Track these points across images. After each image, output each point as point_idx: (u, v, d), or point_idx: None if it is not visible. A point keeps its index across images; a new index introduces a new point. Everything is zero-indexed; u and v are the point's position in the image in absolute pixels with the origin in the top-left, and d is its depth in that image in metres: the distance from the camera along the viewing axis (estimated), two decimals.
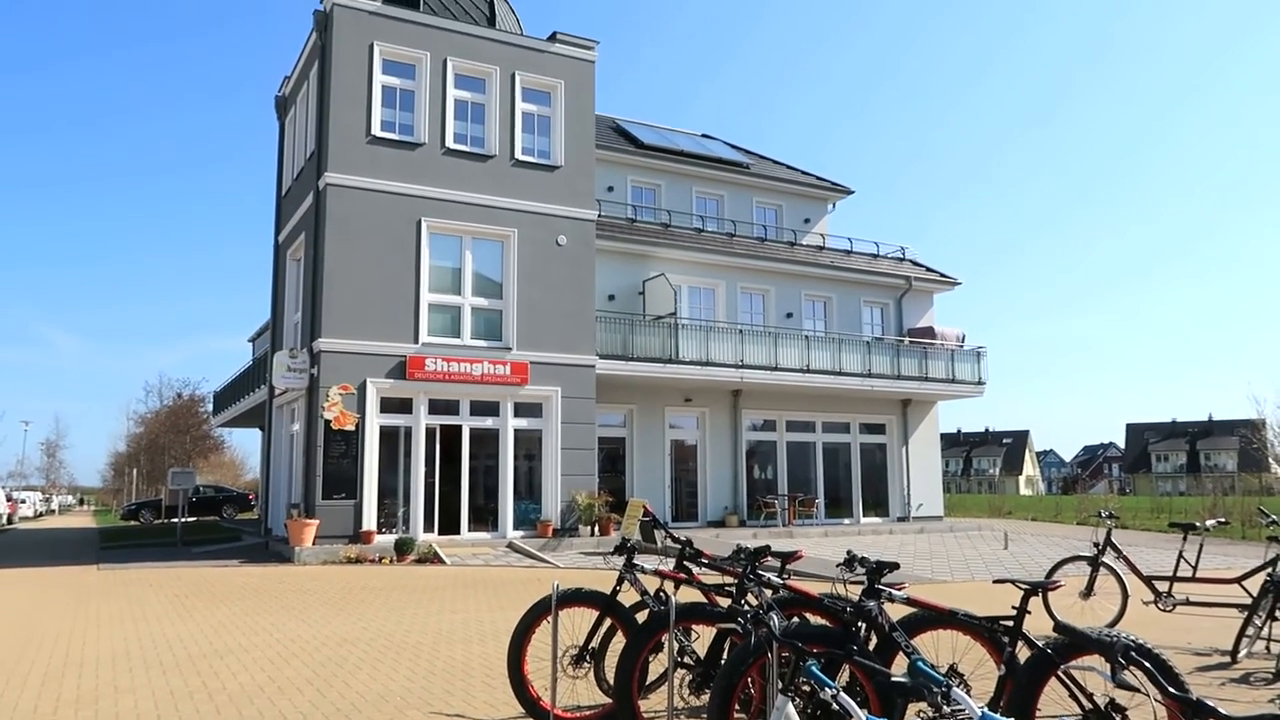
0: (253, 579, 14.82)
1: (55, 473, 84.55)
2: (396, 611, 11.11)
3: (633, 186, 27.00)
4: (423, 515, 19.06)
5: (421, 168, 19.74)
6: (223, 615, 10.92)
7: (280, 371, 19.31)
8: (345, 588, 13.50)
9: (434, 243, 19.76)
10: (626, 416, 23.94)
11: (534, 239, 20.59)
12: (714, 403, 25.04)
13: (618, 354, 22.08)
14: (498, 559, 17.62)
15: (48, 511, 68.99)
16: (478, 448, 20.00)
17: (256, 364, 26.68)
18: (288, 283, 22.71)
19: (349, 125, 19.17)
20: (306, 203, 20.29)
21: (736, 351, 23.83)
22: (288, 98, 23.98)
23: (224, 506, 38.74)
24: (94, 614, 11.11)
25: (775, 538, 21.87)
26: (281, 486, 21.98)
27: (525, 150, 21.00)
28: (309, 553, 17.25)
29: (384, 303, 18.93)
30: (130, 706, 6.57)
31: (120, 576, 15.52)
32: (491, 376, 19.71)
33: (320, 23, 19.91)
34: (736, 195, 28.60)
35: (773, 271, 26.38)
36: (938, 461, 29.09)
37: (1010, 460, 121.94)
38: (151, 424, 60.06)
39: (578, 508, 20.02)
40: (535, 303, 20.39)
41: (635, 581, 6.18)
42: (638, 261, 24.19)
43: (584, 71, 21.84)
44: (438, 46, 20.22)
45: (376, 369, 18.73)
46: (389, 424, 19.06)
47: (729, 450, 25.19)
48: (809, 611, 5.68)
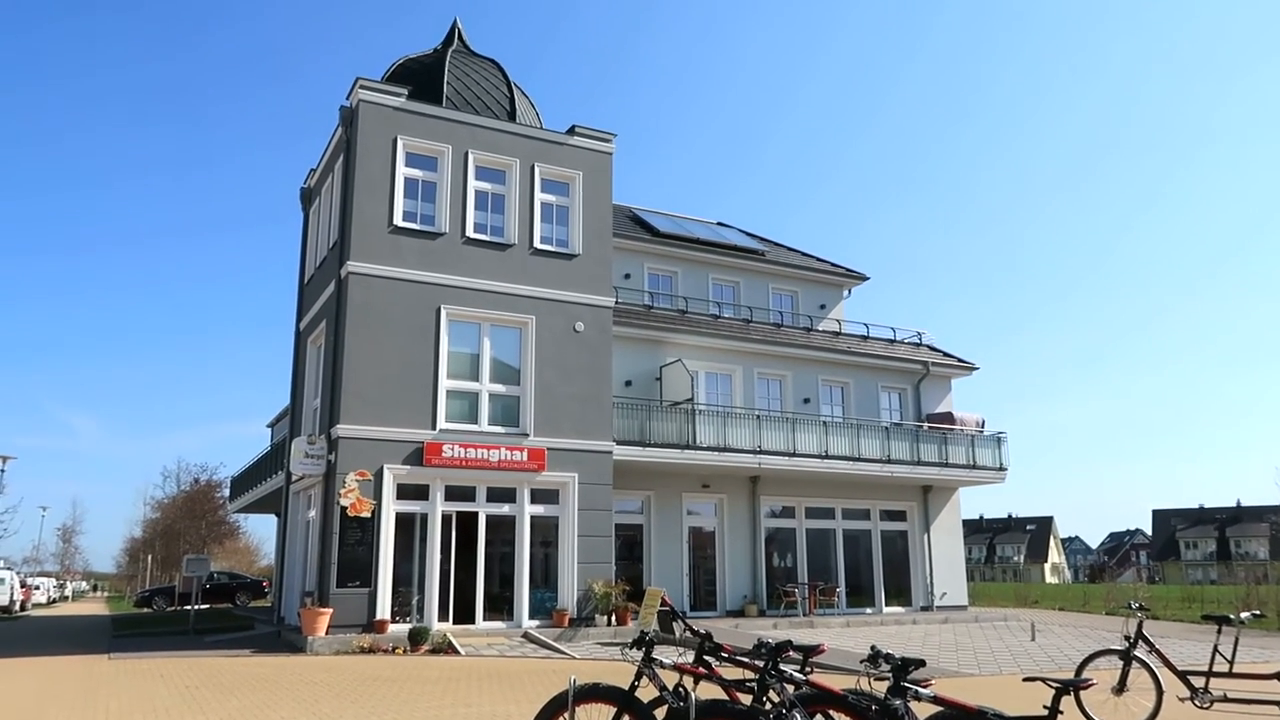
0: (264, 669, 14.58)
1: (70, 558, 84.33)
2: (409, 705, 10.88)
3: (650, 273, 27.35)
4: (437, 604, 18.81)
5: (442, 256, 20.08)
6: (233, 708, 10.72)
7: (298, 457, 19.34)
8: (357, 679, 13.25)
9: (453, 329, 19.97)
10: (644, 503, 23.76)
11: (552, 325, 20.78)
12: (732, 489, 24.84)
13: (635, 440, 22.03)
14: (513, 649, 17.30)
15: (61, 598, 68.60)
16: (494, 534, 19.84)
17: (274, 449, 26.76)
18: (307, 369, 22.92)
19: (372, 215, 19.59)
20: (328, 290, 20.61)
21: (754, 437, 23.74)
22: (313, 189, 24.60)
23: (237, 593, 38.37)
24: (103, 708, 10.93)
25: (796, 628, 21.41)
26: (296, 573, 21.80)
27: (544, 239, 21.36)
28: (322, 642, 17.00)
29: (402, 389, 19.05)
30: None
31: (132, 667, 15.31)
32: (508, 463, 19.67)
33: (346, 118, 20.54)
34: (752, 282, 28.88)
35: (789, 357, 26.44)
36: (960, 549, 28.60)
37: (1034, 547, 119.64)
38: (168, 509, 60.01)
39: (594, 596, 19.71)
40: (553, 389, 20.46)
41: (654, 676, 6.04)
42: (654, 347, 24.32)
43: (602, 163, 22.34)
44: (459, 140, 20.78)
45: (394, 455, 18.74)
46: (405, 510, 18.97)
47: (748, 537, 24.88)
48: (833, 709, 5.53)
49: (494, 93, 22.80)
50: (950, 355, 29.57)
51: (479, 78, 22.89)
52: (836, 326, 29.18)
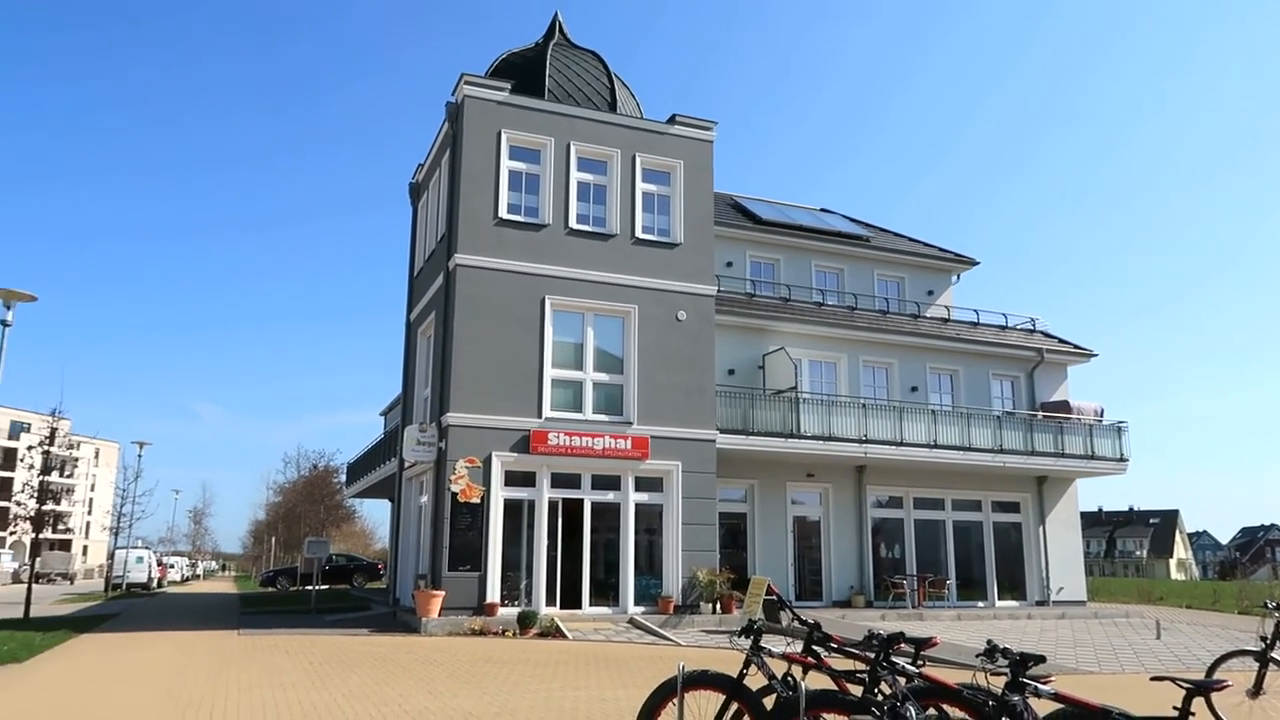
0: (382, 648, 15.14)
1: (201, 539, 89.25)
2: (520, 686, 11.14)
3: (751, 261, 27.16)
4: (545, 588, 19.18)
5: (546, 248, 20.38)
6: (354, 684, 11.17)
7: (410, 445, 19.97)
8: (470, 660, 13.63)
9: (557, 320, 20.26)
10: (747, 492, 23.67)
11: (654, 315, 20.86)
12: (837, 478, 24.51)
13: (738, 428, 21.96)
14: (619, 635, 17.51)
15: (193, 576, 72.65)
16: (599, 521, 20.09)
17: (388, 437, 27.68)
18: (418, 359, 23.61)
19: (478, 209, 20.02)
20: (437, 283, 21.18)
21: (859, 426, 23.36)
22: (421, 184, 25.28)
23: (354, 575, 39.87)
24: (235, 679, 11.55)
25: (904, 620, 21.02)
26: (409, 557, 22.54)
27: (645, 229, 21.44)
28: (435, 624, 17.55)
29: (509, 378, 19.44)
30: None
31: (259, 642, 16.12)
32: (613, 451, 19.87)
33: (452, 113, 21.02)
34: (857, 268, 28.36)
35: (896, 344, 25.89)
36: (1078, 542, 27.52)
37: (1158, 542, 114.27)
38: (289, 494, 62.81)
39: (699, 584, 19.77)
40: (655, 378, 20.56)
41: (762, 665, 6.03)
42: (757, 336, 24.16)
43: (703, 151, 22.27)
44: (561, 132, 21.02)
45: (501, 443, 19.16)
46: (513, 497, 19.39)
47: (854, 527, 24.52)
48: (946, 703, 5.42)
49: (595, 84, 22.98)
50: (1066, 342, 28.45)
51: (580, 70, 23.10)
52: (945, 313, 28.41)
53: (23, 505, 23.71)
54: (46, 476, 23.59)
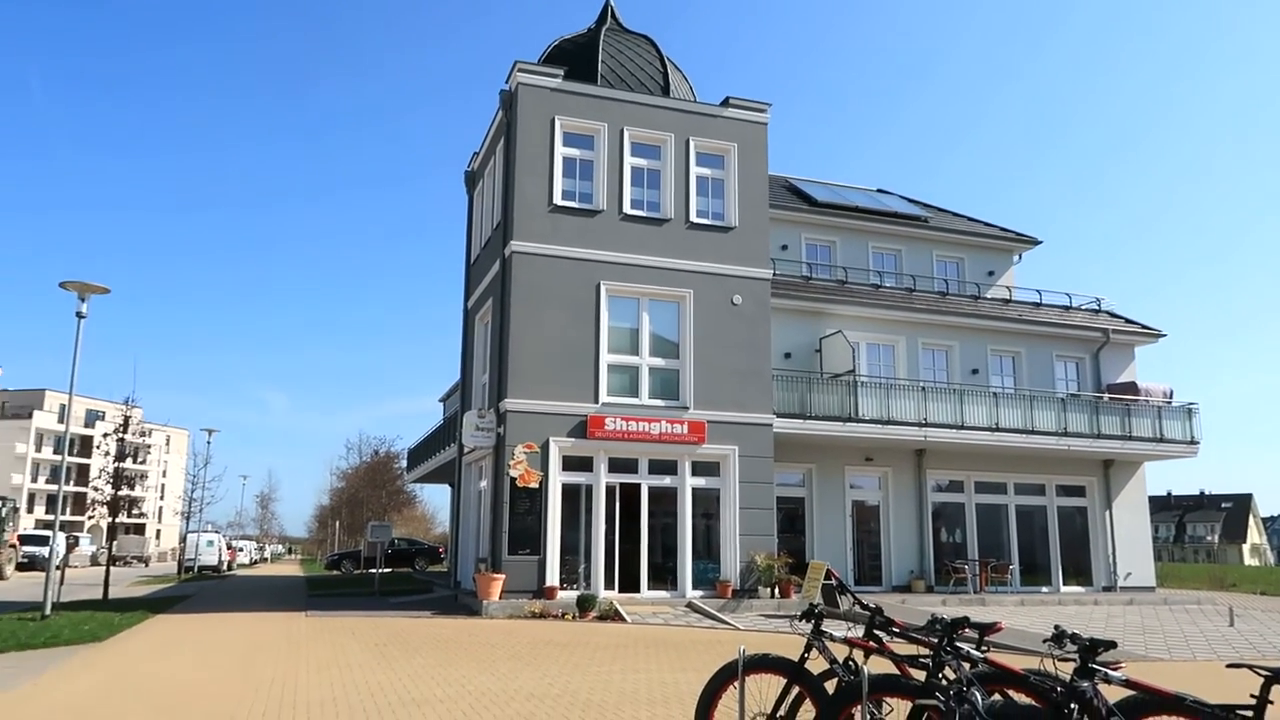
0: (444, 630, 15.41)
1: (268, 523, 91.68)
2: (580, 669, 11.26)
3: (807, 244, 26.91)
4: (603, 572, 19.32)
5: (600, 233, 20.43)
6: (418, 665, 11.40)
7: (469, 430, 20.23)
8: (530, 642, 13.81)
9: (612, 305, 20.32)
10: (805, 476, 23.54)
11: (710, 299, 20.80)
12: (896, 462, 24.25)
13: (795, 412, 21.84)
14: (677, 618, 17.58)
15: (261, 560, 74.63)
16: (656, 506, 20.16)
17: (447, 423, 28.07)
18: (476, 346, 23.88)
19: (532, 195, 20.13)
20: (493, 270, 21.37)
21: (919, 409, 23.06)
22: (476, 172, 25.49)
23: (416, 559, 40.60)
24: (304, 659, 11.86)
25: (966, 605, 20.75)
26: (470, 541, 22.88)
27: (700, 213, 21.36)
28: (496, 606, 17.81)
29: (566, 363, 19.57)
30: None
31: (325, 624, 16.52)
32: (669, 435, 19.90)
33: (506, 101, 21.14)
34: (915, 249, 27.94)
35: (956, 326, 25.47)
36: (1146, 527, 26.88)
37: (1231, 527, 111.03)
38: (352, 479, 64.10)
39: (757, 569, 19.75)
40: (711, 362, 20.52)
41: (824, 649, 6.02)
42: (814, 319, 23.96)
43: (757, 134, 22.09)
44: (615, 117, 21.01)
45: (559, 428, 19.31)
46: (570, 482, 19.54)
47: (913, 512, 24.25)
48: (1012, 688, 5.35)
49: (647, 68, 22.91)
50: (1133, 322, 27.71)
51: (632, 54, 23.04)
52: (1006, 294, 27.86)
53: (100, 491, 24.55)
54: (121, 463, 24.36)
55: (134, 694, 9.31)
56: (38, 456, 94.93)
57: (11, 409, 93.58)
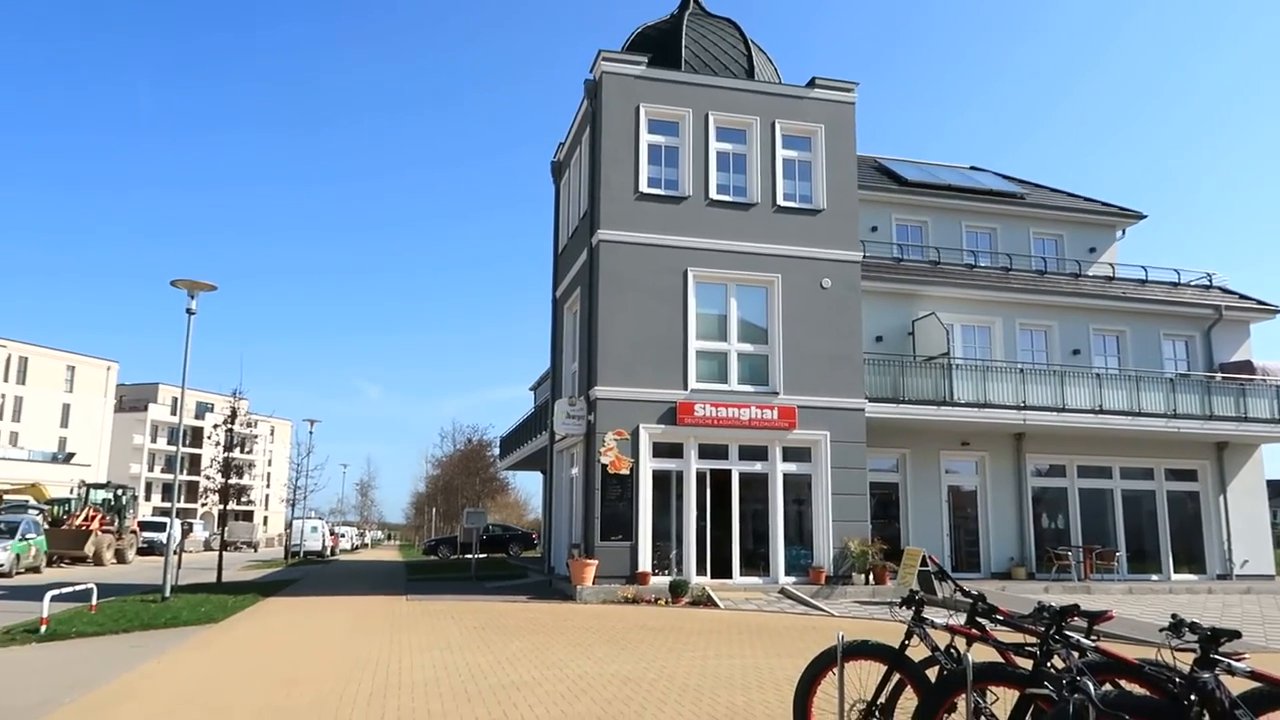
0: (540, 615, 15.69)
1: (368, 510, 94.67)
2: (675, 653, 11.32)
3: (898, 225, 26.36)
4: (694, 558, 19.37)
5: (686, 220, 20.39)
6: (515, 648, 11.63)
7: (560, 418, 20.48)
8: (625, 627, 13.95)
9: (700, 291, 20.27)
10: (899, 461, 23.13)
11: (798, 283, 20.58)
12: (994, 446, 23.61)
13: (887, 397, 21.47)
14: (770, 604, 17.52)
15: (361, 545, 77.11)
16: (747, 492, 20.09)
17: (538, 412, 28.47)
18: (565, 334, 24.14)
19: (619, 184, 20.21)
20: (581, 259, 21.54)
21: (1017, 392, 22.41)
22: (562, 162, 25.70)
23: (510, 544, 41.37)
24: (406, 641, 12.22)
25: (1070, 593, 20.12)
26: (562, 527, 23.20)
27: (787, 196, 21.13)
28: (589, 591, 18.03)
29: (654, 351, 19.62)
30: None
31: (425, 607, 16.99)
32: (759, 421, 19.80)
33: (590, 90, 21.24)
34: (1010, 228, 27.09)
35: (1055, 306, 24.64)
36: (1265, 512, 25.60)
37: None
38: (446, 467, 65.65)
39: (850, 555, 19.53)
40: (801, 347, 20.31)
41: (925, 636, 5.91)
42: (906, 301, 23.48)
43: (844, 114, 21.71)
44: (699, 103, 20.91)
45: (648, 415, 19.39)
46: (661, 468, 19.61)
47: (1013, 497, 23.60)
48: (1126, 679, 5.16)
49: (731, 52, 22.72)
50: (1248, 298, 26.37)
51: (716, 39, 22.87)
52: (1109, 271, 26.80)
53: (211, 479, 25.71)
54: (230, 453, 25.45)
55: (249, 672, 9.73)
56: (153, 447, 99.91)
57: (129, 402, 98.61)
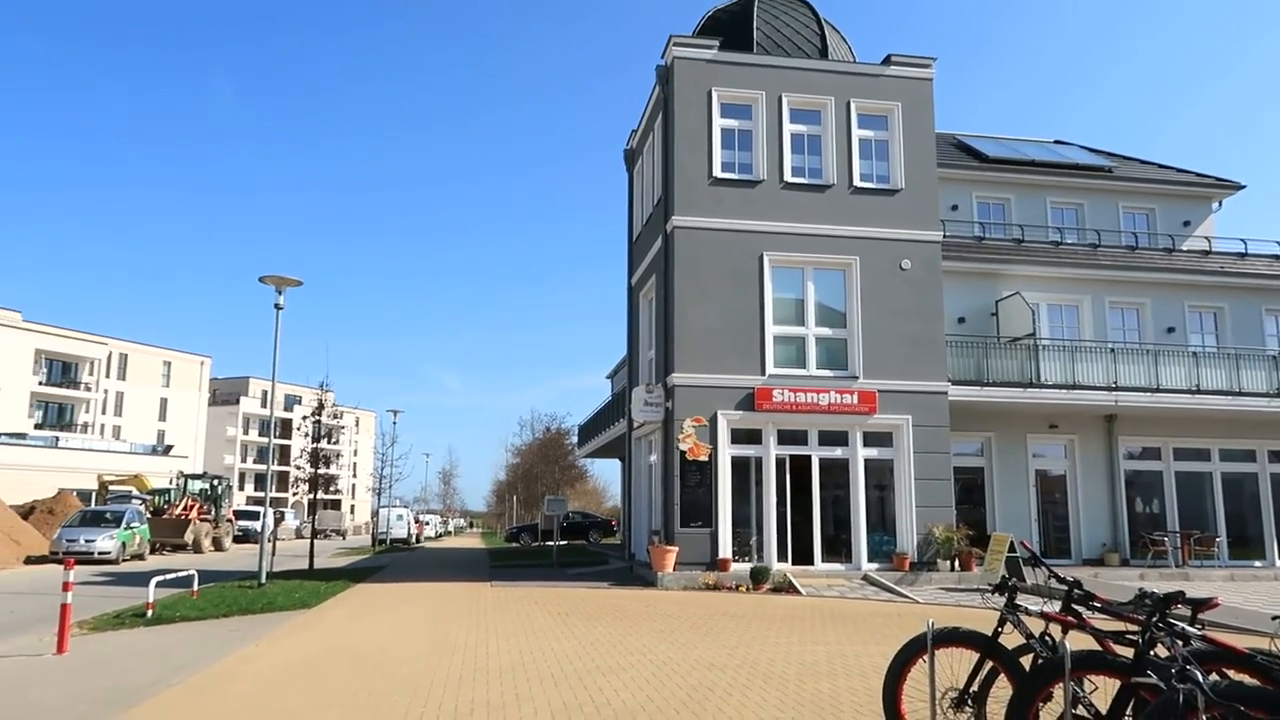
0: (622, 601, 15.80)
1: (450, 498, 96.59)
2: (758, 640, 11.29)
3: (979, 203, 25.69)
4: (775, 545, 19.26)
5: (761, 204, 20.21)
6: (599, 634, 11.74)
7: (637, 406, 20.55)
8: (707, 613, 13.96)
9: (776, 275, 20.09)
10: (984, 445, 22.61)
11: (876, 265, 20.24)
12: (1084, 429, 22.90)
13: (971, 379, 20.99)
14: (853, 591, 17.33)
15: (445, 533, 78.72)
16: (827, 478, 19.89)
17: (615, 399, 28.63)
18: (641, 322, 24.19)
19: (692, 169, 20.12)
20: (656, 246, 21.53)
21: (1108, 372, 21.68)
22: (635, 149, 25.71)
23: (590, 531, 41.74)
24: (492, 626, 12.44)
25: (1167, 580, 19.44)
26: (641, 514, 23.30)
27: (864, 177, 20.77)
28: (670, 578, 18.09)
29: (731, 336, 19.53)
30: (531, 714, 7.24)
31: (509, 593, 17.27)
32: (839, 406, 19.56)
33: (662, 76, 21.17)
34: (1098, 202, 26.17)
35: (1147, 283, 23.73)
36: None
37: None
38: (525, 455, 66.49)
39: (935, 541, 19.18)
40: (880, 330, 19.98)
41: (1019, 623, 5.77)
42: (989, 281, 22.89)
43: (921, 91, 21.23)
44: (772, 85, 20.67)
45: (726, 401, 19.32)
46: (740, 454, 19.54)
47: (1104, 481, 22.86)
48: (1234, 668, 4.97)
49: (804, 32, 22.39)
50: None
51: (788, 19, 22.57)
52: (1205, 245, 25.69)
53: (301, 470, 26.53)
54: (318, 444, 26.22)
55: (343, 656, 10.03)
56: (245, 439, 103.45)
57: (222, 396, 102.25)
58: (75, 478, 43.78)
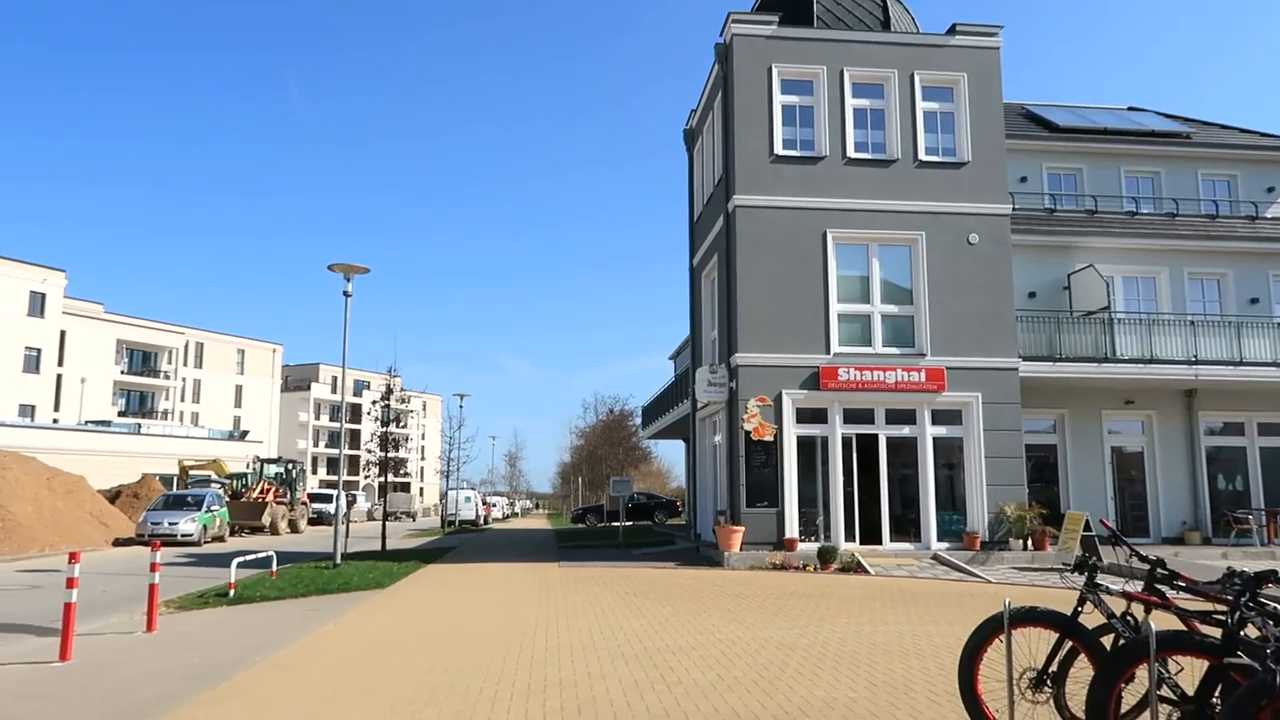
0: (688, 581, 15.86)
1: (516, 480, 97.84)
2: (827, 620, 11.24)
3: (1049, 174, 24.98)
4: (843, 524, 19.12)
5: (824, 180, 19.95)
6: (667, 613, 11.80)
7: (701, 386, 20.53)
8: (774, 593, 13.94)
9: (840, 253, 19.85)
10: (1056, 422, 22.11)
11: (943, 240, 19.86)
12: (1161, 404, 22.24)
13: (1043, 355, 20.52)
14: (922, 571, 17.14)
15: (511, 514, 79.82)
16: (895, 456, 19.65)
17: (678, 380, 28.63)
18: (703, 302, 24.11)
19: (753, 147, 19.94)
20: (717, 225, 21.42)
21: (1187, 346, 20.99)
22: (695, 129, 25.55)
23: (655, 512, 41.93)
24: (562, 606, 12.59)
25: (1251, 559, 18.85)
26: (707, 494, 23.32)
27: (929, 150, 20.37)
28: (737, 558, 18.09)
29: (795, 315, 19.37)
30: (604, 692, 7.32)
31: (576, 573, 17.45)
32: (905, 384, 19.29)
33: (721, 54, 20.98)
34: (1176, 170, 25.24)
35: (1229, 252, 22.90)
36: None
37: None
38: (589, 437, 67.03)
39: (1007, 520, 18.85)
40: (948, 306, 19.63)
41: (1100, 603, 5.64)
42: (1060, 254, 22.31)
43: (988, 60, 20.69)
44: (833, 59, 20.35)
45: (791, 380, 19.19)
46: (805, 434, 19.40)
47: (1184, 458, 22.20)
48: None
49: (865, 4, 21.97)
50: None
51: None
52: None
53: (372, 453, 27.10)
54: (387, 428, 26.73)
55: (418, 634, 10.25)
56: (316, 424, 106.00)
57: (294, 382, 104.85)
58: (157, 463, 45.36)
